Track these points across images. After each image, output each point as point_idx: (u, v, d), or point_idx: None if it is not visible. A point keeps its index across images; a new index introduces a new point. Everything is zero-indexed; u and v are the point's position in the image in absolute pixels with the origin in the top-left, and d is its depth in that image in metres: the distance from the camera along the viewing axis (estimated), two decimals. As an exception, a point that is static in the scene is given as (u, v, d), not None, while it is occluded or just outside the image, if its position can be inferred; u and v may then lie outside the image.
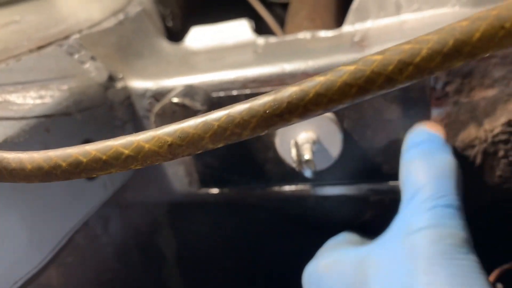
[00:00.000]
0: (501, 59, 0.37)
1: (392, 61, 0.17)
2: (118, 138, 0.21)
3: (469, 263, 0.28)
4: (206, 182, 0.48)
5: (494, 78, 0.37)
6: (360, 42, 0.43)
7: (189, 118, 0.20)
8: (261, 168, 0.46)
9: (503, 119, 0.38)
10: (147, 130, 0.21)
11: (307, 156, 0.39)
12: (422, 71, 0.17)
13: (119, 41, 0.48)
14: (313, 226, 0.52)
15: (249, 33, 0.53)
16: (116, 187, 0.45)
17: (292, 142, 0.40)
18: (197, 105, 0.38)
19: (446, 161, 0.35)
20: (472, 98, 0.38)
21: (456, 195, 0.32)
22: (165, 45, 0.54)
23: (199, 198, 0.49)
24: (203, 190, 0.48)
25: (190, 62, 0.48)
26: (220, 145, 0.20)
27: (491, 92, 0.38)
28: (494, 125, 0.39)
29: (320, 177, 0.44)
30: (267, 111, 0.19)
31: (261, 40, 0.51)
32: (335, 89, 0.17)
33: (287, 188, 0.46)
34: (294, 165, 0.40)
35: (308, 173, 0.39)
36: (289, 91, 0.18)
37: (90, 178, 0.41)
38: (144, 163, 0.21)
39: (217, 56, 0.49)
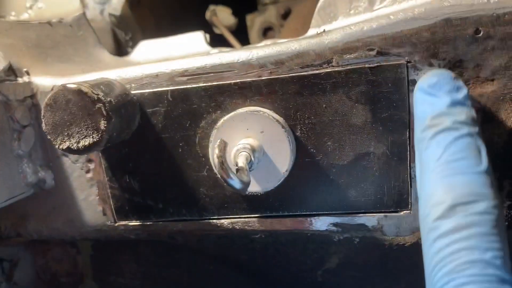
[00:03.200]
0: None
1: None
2: None
3: None
4: (123, 211, 0.37)
5: (492, 67, 0.28)
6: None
7: None
8: (193, 193, 0.35)
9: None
10: None
11: (240, 163, 0.29)
12: None
13: (39, 38, 0.41)
14: (262, 275, 0.40)
15: (202, 44, 0.46)
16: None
17: (219, 142, 0.28)
18: (99, 93, 0.28)
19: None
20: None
21: None
22: (105, 56, 0.46)
23: (117, 234, 0.37)
24: (121, 223, 0.37)
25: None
26: None
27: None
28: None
29: (265, 205, 0.33)
30: None
31: (215, 51, 0.44)
32: None
33: (228, 220, 0.35)
34: (216, 171, 0.29)
35: (237, 184, 0.28)
36: None
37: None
38: None
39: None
